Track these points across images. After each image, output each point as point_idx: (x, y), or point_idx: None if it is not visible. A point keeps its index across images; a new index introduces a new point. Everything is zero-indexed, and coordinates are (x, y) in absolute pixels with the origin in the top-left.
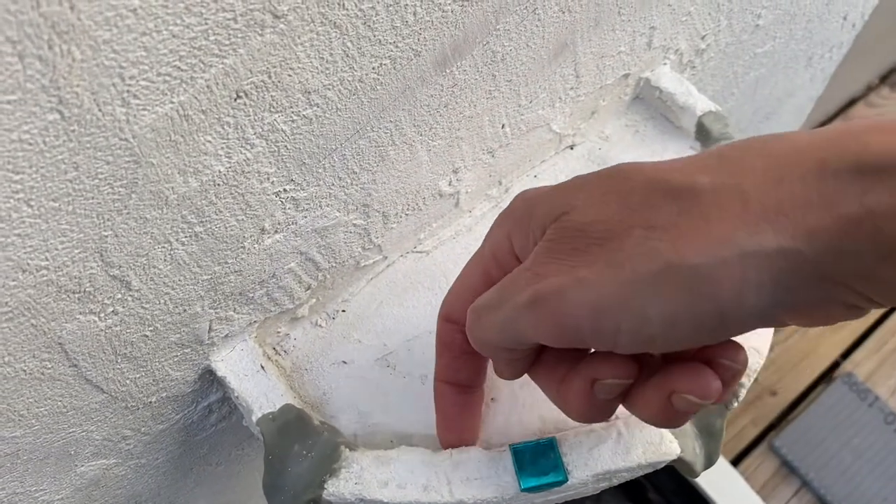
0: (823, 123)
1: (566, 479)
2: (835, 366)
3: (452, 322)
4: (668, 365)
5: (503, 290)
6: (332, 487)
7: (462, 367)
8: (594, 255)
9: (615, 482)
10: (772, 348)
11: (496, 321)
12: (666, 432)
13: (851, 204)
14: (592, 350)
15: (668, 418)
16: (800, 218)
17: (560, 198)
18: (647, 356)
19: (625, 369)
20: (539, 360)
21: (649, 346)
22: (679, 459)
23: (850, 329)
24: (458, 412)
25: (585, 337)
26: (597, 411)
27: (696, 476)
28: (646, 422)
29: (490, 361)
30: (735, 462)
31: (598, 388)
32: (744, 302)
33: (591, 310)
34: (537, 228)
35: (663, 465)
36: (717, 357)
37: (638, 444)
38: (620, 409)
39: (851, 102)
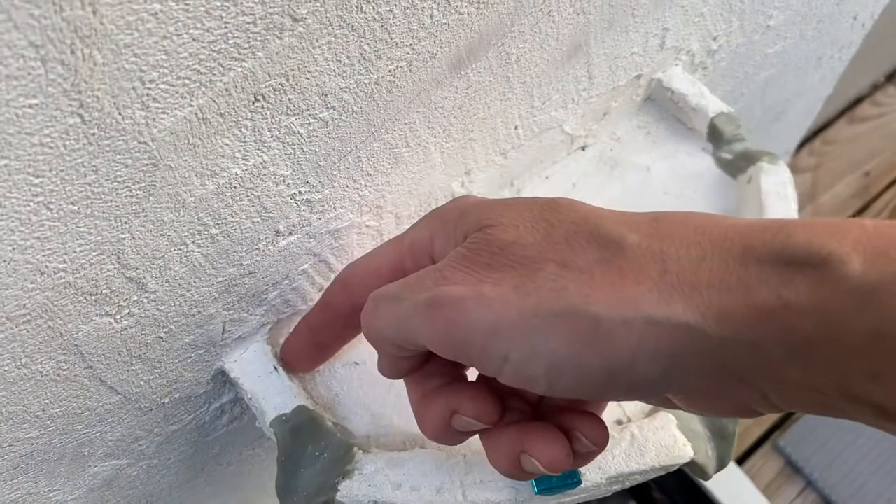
0: (829, 122)
1: (580, 482)
2: None
3: (346, 291)
4: (527, 423)
5: (407, 286)
6: (346, 489)
7: (328, 328)
8: (505, 275)
9: (628, 484)
10: None
11: (393, 314)
12: (679, 434)
13: (769, 294)
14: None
15: (515, 474)
16: (714, 298)
17: (490, 210)
18: (519, 398)
19: (488, 413)
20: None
21: (531, 385)
22: (692, 462)
23: None
24: (304, 351)
25: (472, 355)
26: (448, 437)
27: (709, 479)
28: (493, 466)
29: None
30: (740, 461)
31: (455, 419)
32: (635, 368)
33: (484, 330)
34: (460, 235)
35: (676, 467)
36: (579, 429)
37: (651, 446)
38: (633, 409)
39: (857, 101)
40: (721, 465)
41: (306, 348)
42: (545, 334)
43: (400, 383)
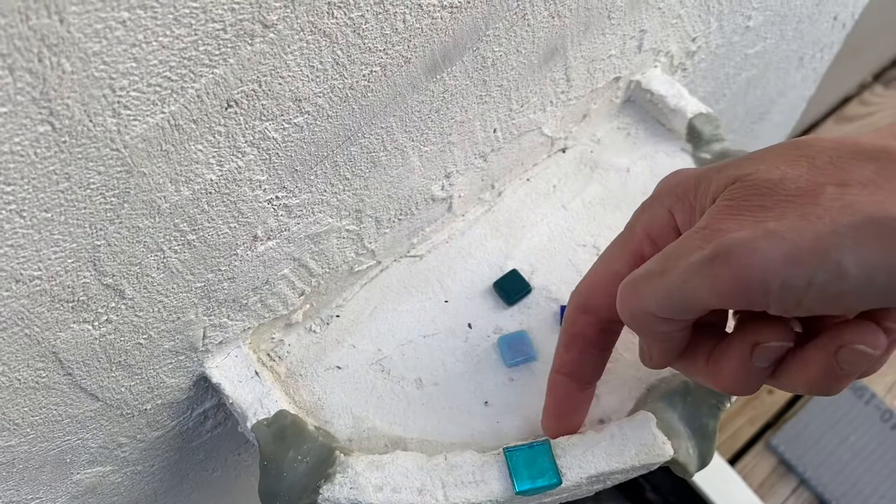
0: (817, 122)
1: (560, 482)
2: None
3: (589, 313)
4: (833, 328)
5: (668, 256)
6: (328, 492)
7: (587, 361)
8: (784, 210)
9: (609, 484)
10: None
11: (661, 287)
12: (659, 433)
13: None
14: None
15: (829, 379)
16: None
17: (737, 165)
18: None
19: (786, 333)
20: None
21: (836, 303)
22: (672, 460)
23: None
24: (573, 406)
25: (770, 293)
26: (750, 380)
27: (691, 476)
28: (798, 389)
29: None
30: (732, 461)
31: (757, 352)
32: None
33: (784, 261)
34: (707, 197)
35: (657, 466)
36: (882, 321)
37: (631, 445)
38: (612, 408)
39: (845, 101)
40: (702, 464)
41: (572, 399)
42: (849, 247)
43: (382, 386)
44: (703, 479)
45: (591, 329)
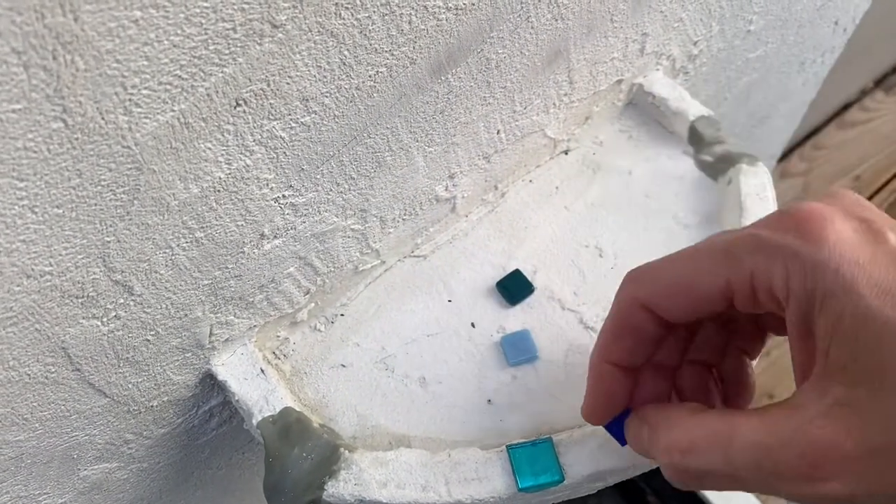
0: (818, 127)
1: (562, 479)
2: None
3: (648, 311)
4: None
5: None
6: (332, 489)
7: (639, 352)
8: None
9: (610, 482)
10: (769, 352)
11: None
12: None
13: None
14: None
15: None
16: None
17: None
18: None
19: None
20: None
21: None
22: None
23: None
24: (621, 393)
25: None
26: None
27: None
28: None
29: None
30: None
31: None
32: None
33: None
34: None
35: (657, 465)
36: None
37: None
38: None
39: (846, 106)
40: None
41: (620, 386)
42: None
43: (386, 384)
44: None
45: (649, 324)
